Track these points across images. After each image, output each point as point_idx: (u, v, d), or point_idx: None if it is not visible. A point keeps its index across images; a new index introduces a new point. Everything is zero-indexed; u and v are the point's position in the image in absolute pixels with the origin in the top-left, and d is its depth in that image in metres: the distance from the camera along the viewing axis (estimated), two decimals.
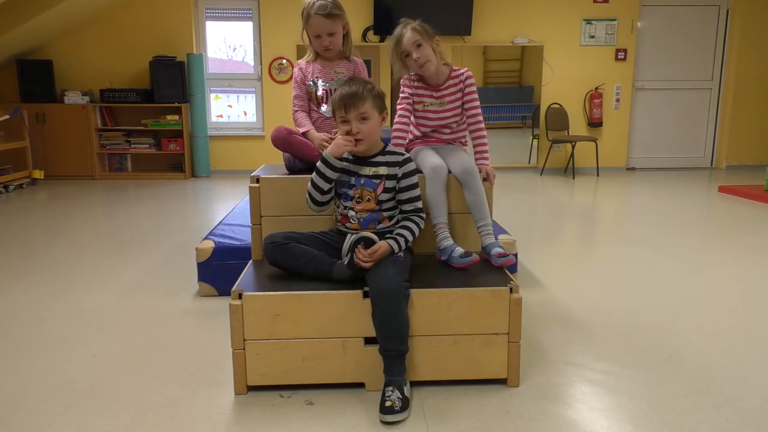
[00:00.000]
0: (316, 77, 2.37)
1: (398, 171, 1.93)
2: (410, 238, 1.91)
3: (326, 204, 1.98)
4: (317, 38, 2.30)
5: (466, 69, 2.28)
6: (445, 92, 2.24)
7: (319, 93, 2.37)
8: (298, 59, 2.91)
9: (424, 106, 2.25)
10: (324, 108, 2.38)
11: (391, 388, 1.68)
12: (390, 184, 1.93)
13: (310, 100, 2.40)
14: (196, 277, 2.72)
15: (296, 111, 2.38)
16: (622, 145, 7.14)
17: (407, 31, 2.16)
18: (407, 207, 1.95)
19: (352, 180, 1.94)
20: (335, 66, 2.38)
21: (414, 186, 1.95)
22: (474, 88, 2.27)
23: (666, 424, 1.63)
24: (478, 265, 2.01)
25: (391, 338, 1.72)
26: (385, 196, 1.93)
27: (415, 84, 2.24)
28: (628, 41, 6.88)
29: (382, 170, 1.92)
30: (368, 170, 1.93)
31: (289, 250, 1.90)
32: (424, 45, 2.16)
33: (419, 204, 1.97)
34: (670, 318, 2.41)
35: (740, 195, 5.22)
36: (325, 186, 1.92)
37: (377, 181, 1.92)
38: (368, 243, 1.82)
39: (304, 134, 2.31)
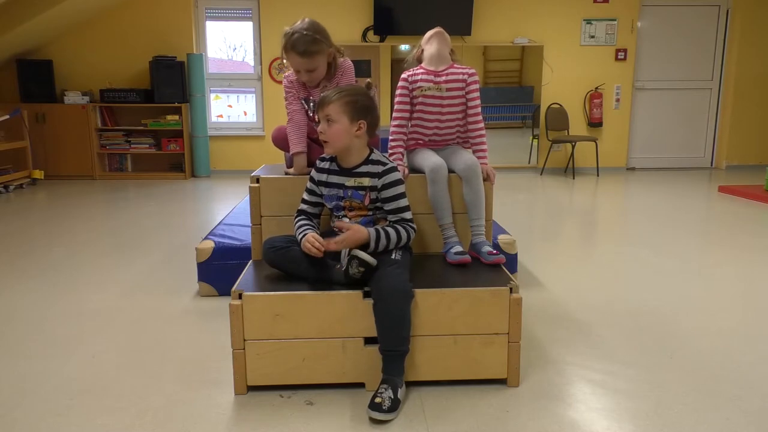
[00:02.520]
0: (306, 96, 2.25)
1: (377, 183, 1.89)
2: (394, 239, 1.85)
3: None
4: (296, 71, 2.15)
5: (471, 67, 2.27)
6: (444, 78, 2.20)
7: (311, 114, 2.26)
8: None
9: (422, 91, 2.20)
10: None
11: (385, 386, 1.68)
12: (374, 195, 1.91)
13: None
14: (196, 277, 2.72)
15: (290, 122, 2.24)
16: (622, 145, 7.14)
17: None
18: (392, 218, 1.92)
19: (340, 193, 1.93)
20: (320, 88, 2.21)
21: (397, 197, 1.90)
22: (477, 86, 2.24)
23: (666, 424, 1.63)
24: (477, 266, 2.03)
25: (393, 338, 1.72)
26: (373, 206, 1.92)
27: (413, 72, 2.22)
28: (628, 41, 6.88)
29: (366, 182, 1.90)
30: (352, 181, 1.91)
31: (289, 254, 1.90)
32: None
33: (406, 215, 1.91)
34: (671, 318, 2.41)
35: (740, 195, 5.22)
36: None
37: (362, 192, 1.91)
38: (362, 263, 1.75)
39: (293, 154, 2.22)
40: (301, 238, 1.87)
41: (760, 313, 2.48)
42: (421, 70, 2.23)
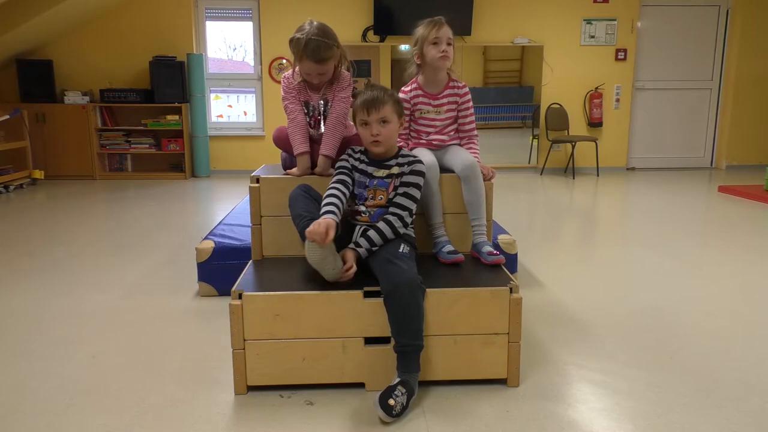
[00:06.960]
0: (305, 100, 2.26)
1: (406, 168, 1.96)
2: (389, 232, 1.88)
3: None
4: (307, 74, 2.17)
5: (464, 84, 2.31)
6: (443, 101, 2.27)
7: (309, 117, 2.28)
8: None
9: (422, 113, 2.28)
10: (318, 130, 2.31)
11: (402, 390, 1.66)
12: (399, 181, 1.96)
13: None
14: (196, 277, 2.73)
15: (291, 123, 2.25)
16: (622, 145, 7.14)
17: (446, 26, 2.22)
18: (398, 200, 1.93)
19: (367, 181, 1.98)
20: (320, 92, 2.25)
21: (412, 185, 1.94)
22: (470, 104, 2.31)
23: (666, 424, 1.63)
24: (477, 266, 2.04)
25: (408, 332, 1.71)
26: (394, 194, 1.96)
27: (414, 93, 2.26)
28: (628, 41, 6.88)
29: (395, 170, 1.97)
30: (382, 172, 1.97)
31: (302, 201, 1.93)
32: (453, 46, 2.22)
33: (409, 203, 1.92)
34: (670, 318, 2.41)
35: (740, 195, 5.22)
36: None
37: (389, 180, 1.96)
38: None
39: (297, 155, 2.22)
40: (321, 213, 1.82)
41: (760, 312, 2.48)
42: (420, 92, 2.25)
